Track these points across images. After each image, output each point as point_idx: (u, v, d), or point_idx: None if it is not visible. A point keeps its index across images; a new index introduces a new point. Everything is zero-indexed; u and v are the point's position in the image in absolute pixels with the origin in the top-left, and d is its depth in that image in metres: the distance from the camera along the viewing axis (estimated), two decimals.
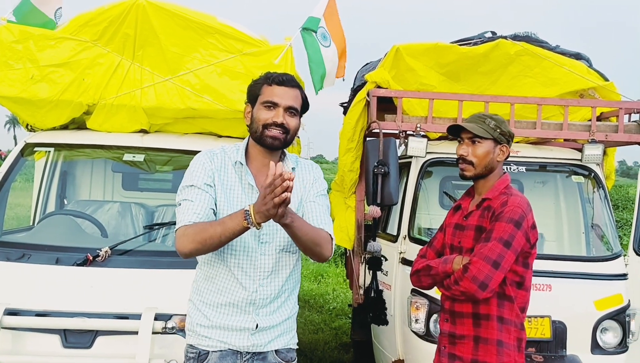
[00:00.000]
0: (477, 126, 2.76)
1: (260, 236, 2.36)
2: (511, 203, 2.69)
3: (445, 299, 2.85)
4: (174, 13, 4.09)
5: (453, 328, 2.79)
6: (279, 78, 2.39)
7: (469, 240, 2.78)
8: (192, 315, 2.45)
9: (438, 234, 3.02)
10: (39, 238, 3.99)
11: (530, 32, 4.94)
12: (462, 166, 2.82)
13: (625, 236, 10.88)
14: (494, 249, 2.62)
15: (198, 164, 2.41)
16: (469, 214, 2.84)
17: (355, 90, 5.43)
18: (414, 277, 2.96)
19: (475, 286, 2.60)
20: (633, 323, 4.16)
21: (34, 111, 4.24)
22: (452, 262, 2.73)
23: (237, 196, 2.38)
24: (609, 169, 5.29)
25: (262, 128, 2.35)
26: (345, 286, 9.66)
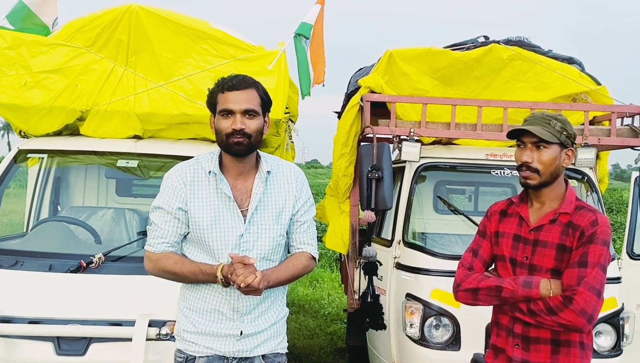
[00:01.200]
0: (543, 130, 2.45)
1: (240, 245, 2.35)
2: (602, 222, 2.42)
3: (515, 322, 2.49)
4: (167, 19, 4.09)
5: (526, 355, 2.46)
6: (229, 83, 2.34)
7: (549, 259, 2.45)
8: (180, 321, 2.47)
9: (483, 242, 2.66)
10: (32, 244, 3.98)
11: (522, 37, 4.97)
12: (526, 174, 2.49)
13: (619, 239, 10.91)
14: (597, 277, 2.34)
15: (168, 185, 2.41)
16: (539, 228, 2.50)
17: (349, 95, 5.44)
18: (466, 294, 2.58)
19: (584, 320, 2.31)
20: (627, 326, 4.16)
21: (27, 118, 4.23)
22: (539, 287, 2.39)
23: (213, 207, 2.37)
24: (602, 173, 5.31)
25: (225, 138, 2.32)
26: (340, 291, 9.65)
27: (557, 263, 2.43)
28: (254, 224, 2.38)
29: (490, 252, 2.64)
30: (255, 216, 2.38)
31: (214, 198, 2.37)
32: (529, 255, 2.49)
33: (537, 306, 2.38)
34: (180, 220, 2.36)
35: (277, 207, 2.42)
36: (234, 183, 2.39)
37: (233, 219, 2.36)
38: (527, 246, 2.51)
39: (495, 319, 2.61)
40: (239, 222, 2.36)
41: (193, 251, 2.41)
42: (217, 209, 2.35)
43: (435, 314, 4.04)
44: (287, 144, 5.24)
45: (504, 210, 2.65)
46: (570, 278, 2.36)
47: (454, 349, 4.02)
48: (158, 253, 2.37)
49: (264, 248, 2.38)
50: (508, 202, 2.66)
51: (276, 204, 2.43)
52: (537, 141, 2.46)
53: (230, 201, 2.36)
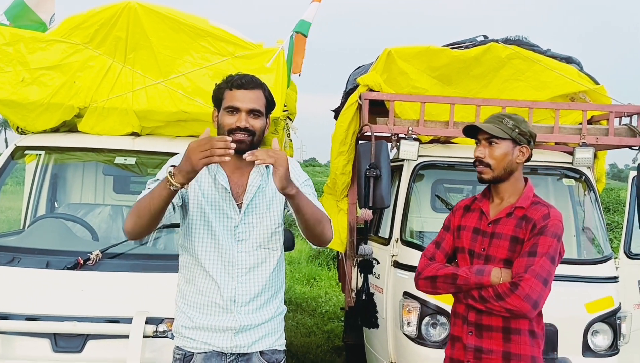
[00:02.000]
0: (494, 126, 2.63)
1: (236, 234, 2.40)
2: (553, 216, 2.58)
3: (469, 310, 2.64)
4: (166, 16, 4.08)
5: (479, 342, 2.61)
6: (238, 81, 2.38)
7: (502, 250, 2.61)
8: (177, 318, 2.49)
9: (445, 235, 2.83)
10: (29, 241, 3.97)
11: (521, 36, 4.97)
12: (480, 169, 2.68)
13: (616, 238, 10.93)
14: (544, 266, 2.49)
15: (169, 164, 2.38)
16: (496, 221, 2.66)
17: (347, 93, 5.44)
18: (425, 281, 2.75)
19: (528, 305, 2.46)
20: (624, 325, 4.17)
21: (25, 114, 4.22)
22: (490, 275, 2.55)
23: (211, 197, 2.41)
24: (600, 172, 5.31)
25: (227, 134, 2.34)
26: (337, 290, 9.65)
27: (510, 254, 2.59)
28: (249, 215, 2.42)
29: (452, 245, 2.80)
30: (250, 208, 2.43)
31: (212, 188, 2.42)
32: (486, 246, 2.66)
33: (488, 292, 2.54)
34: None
35: (268, 196, 2.46)
36: (231, 176, 2.43)
37: (229, 210, 2.41)
38: (485, 238, 2.67)
39: (454, 309, 2.77)
40: (234, 213, 2.41)
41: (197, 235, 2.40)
42: (214, 200, 2.40)
43: (433, 312, 4.04)
44: (285, 142, 5.23)
45: (468, 206, 2.83)
46: (519, 267, 2.52)
47: None
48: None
49: (259, 236, 2.43)
50: (472, 199, 2.84)
51: (268, 194, 2.47)
52: (489, 137, 2.65)
53: (227, 193, 2.40)
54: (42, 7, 4.52)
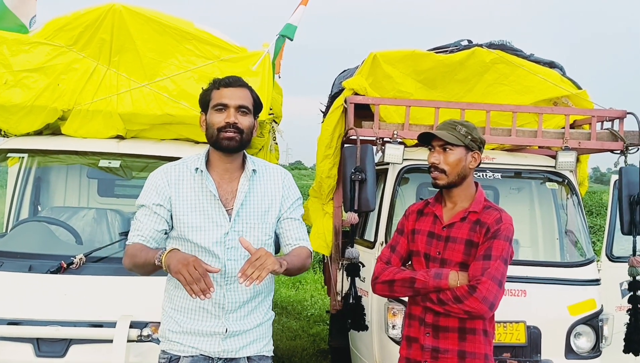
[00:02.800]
0: (447, 133, 2.71)
1: (225, 242, 2.37)
2: (505, 220, 2.67)
3: (426, 312, 2.72)
4: (151, 18, 4.07)
5: (436, 343, 2.69)
6: (225, 80, 2.41)
7: (458, 253, 2.69)
8: (164, 322, 2.47)
9: (400, 239, 2.89)
10: (11, 245, 3.93)
11: (505, 41, 5.01)
12: (434, 175, 2.76)
13: (598, 241, 11.04)
14: (499, 269, 2.58)
15: (151, 183, 2.43)
16: (450, 226, 2.74)
17: (332, 97, 5.45)
18: (382, 285, 2.81)
19: (486, 307, 2.55)
20: (606, 328, 4.21)
21: (7, 117, 4.18)
22: (447, 278, 2.63)
23: (199, 206, 2.38)
24: (582, 176, 5.37)
25: (217, 132, 2.35)
26: (323, 293, 9.65)
27: (465, 257, 2.67)
28: (239, 223, 2.39)
29: (407, 248, 2.86)
30: (240, 214, 2.39)
31: (199, 196, 2.38)
32: (441, 250, 2.73)
33: (446, 295, 2.62)
34: (159, 215, 2.37)
35: (262, 206, 2.45)
36: (219, 182, 2.40)
37: (218, 217, 2.37)
38: (440, 242, 2.75)
39: (409, 311, 2.84)
40: (224, 220, 2.37)
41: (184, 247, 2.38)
42: (203, 208, 2.37)
43: None
44: (271, 145, 5.24)
45: (420, 210, 2.90)
46: (476, 270, 2.60)
47: None
48: (130, 244, 2.38)
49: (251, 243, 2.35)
50: (425, 203, 2.91)
51: (262, 204, 2.45)
52: (443, 144, 2.72)
53: (215, 200, 2.37)
54: (22, 9, 4.48)
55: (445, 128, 2.74)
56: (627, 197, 4.31)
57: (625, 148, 4.53)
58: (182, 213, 2.37)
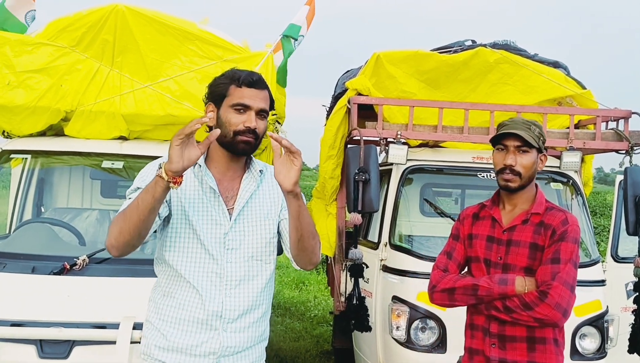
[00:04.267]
0: (527, 134, 2.53)
1: (225, 242, 2.19)
2: (572, 221, 2.52)
3: (490, 321, 2.55)
4: (154, 19, 4.07)
5: (503, 354, 2.51)
6: (249, 79, 2.18)
7: (522, 257, 2.52)
8: (149, 336, 2.23)
9: (456, 244, 2.72)
10: (15, 246, 3.93)
11: (509, 41, 5.00)
12: (509, 177, 2.55)
13: (603, 242, 11.00)
14: (570, 273, 2.43)
15: (148, 170, 2.26)
16: (511, 229, 2.58)
17: (336, 97, 5.45)
18: (442, 294, 2.62)
19: (559, 314, 2.39)
20: (611, 329, 4.20)
21: (11, 118, 4.18)
22: (514, 284, 2.46)
23: (198, 200, 2.20)
24: (587, 176, 5.35)
25: (233, 134, 2.16)
26: (326, 294, 9.64)
27: (530, 262, 2.51)
28: (240, 223, 2.22)
29: (464, 254, 2.71)
30: (242, 214, 2.23)
31: (199, 192, 2.21)
32: (503, 254, 2.57)
33: (513, 302, 2.45)
34: None
35: (265, 207, 2.29)
36: (220, 179, 2.24)
37: (218, 215, 2.19)
38: (501, 246, 2.58)
39: (470, 321, 2.67)
40: (224, 219, 2.20)
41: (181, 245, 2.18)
42: (202, 203, 2.20)
43: (422, 317, 4.04)
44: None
45: (476, 213, 2.75)
46: (545, 274, 2.44)
47: (440, 352, 4.03)
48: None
49: (252, 246, 2.23)
50: (480, 206, 2.76)
51: (265, 204, 2.29)
52: (521, 145, 2.55)
53: (216, 196, 2.21)
54: (19, 9, 4.48)
55: (522, 128, 2.55)
56: (632, 197, 4.29)
57: (631, 148, 4.52)
58: (178, 208, 2.18)
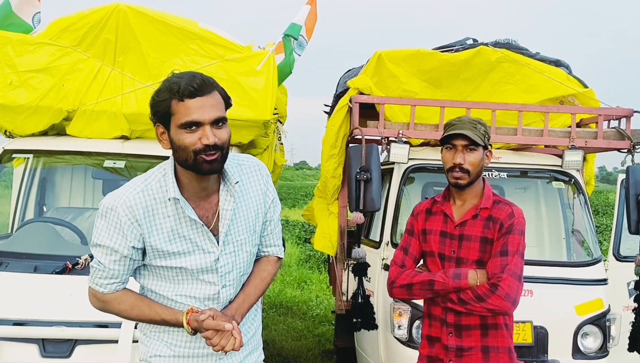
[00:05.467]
0: (473, 133, 2.65)
1: (218, 269, 2.07)
2: (517, 214, 2.66)
3: (447, 312, 2.70)
4: (155, 19, 4.07)
5: (459, 342, 2.69)
6: (189, 88, 1.89)
7: (473, 251, 2.67)
8: (147, 345, 2.14)
9: (411, 240, 2.85)
10: (17, 245, 3.93)
11: (510, 39, 5.00)
12: (458, 175, 2.67)
13: (605, 241, 10.98)
14: (517, 264, 2.59)
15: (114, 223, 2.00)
16: (463, 224, 2.71)
17: (337, 96, 5.45)
18: (400, 289, 2.77)
19: (509, 303, 2.56)
20: (613, 328, 4.19)
21: (13, 117, 4.18)
22: (467, 278, 2.61)
23: (179, 233, 2.02)
24: (589, 175, 5.34)
25: (193, 155, 1.91)
26: (328, 293, 9.64)
27: (481, 254, 2.67)
28: (229, 244, 2.09)
29: (419, 249, 2.85)
30: (229, 235, 2.09)
31: (178, 226, 2.02)
32: (456, 249, 2.72)
33: (467, 295, 2.61)
34: (133, 259, 2.03)
35: (250, 218, 2.14)
36: (197, 202, 2.04)
37: (203, 243, 2.05)
38: (454, 241, 2.73)
39: (428, 311, 2.83)
40: (212, 246, 2.05)
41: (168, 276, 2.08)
42: (184, 235, 2.03)
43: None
44: (276, 145, 5.23)
45: (429, 209, 2.86)
46: (494, 267, 2.60)
47: None
48: (108, 294, 2.06)
49: (242, 265, 2.15)
50: (432, 201, 2.88)
51: (249, 215, 2.14)
52: (468, 144, 2.66)
53: (198, 226, 2.03)
54: (25, 9, 4.49)
55: (469, 128, 2.66)
56: (635, 196, 4.29)
57: (633, 146, 4.51)
58: (160, 246, 2.01)
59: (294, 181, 47.77)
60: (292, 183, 42.97)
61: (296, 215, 18.04)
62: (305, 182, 37.49)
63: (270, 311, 8.62)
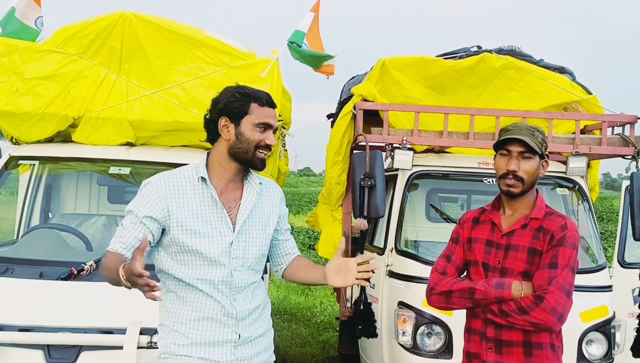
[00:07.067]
0: (531, 140, 2.51)
1: (230, 252, 2.33)
2: (570, 227, 2.51)
3: (487, 325, 2.55)
4: (161, 26, 4.10)
5: (499, 358, 2.51)
6: (269, 99, 2.38)
7: (520, 262, 2.52)
8: (167, 337, 2.36)
9: (455, 248, 2.73)
10: (22, 252, 3.95)
11: (514, 46, 5.01)
12: (511, 183, 2.54)
13: (609, 247, 10.96)
14: (567, 278, 2.43)
15: (144, 193, 2.32)
16: (510, 233, 2.57)
17: (341, 103, 5.46)
18: (439, 297, 2.64)
19: (554, 318, 2.39)
20: (618, 334, 4.18)
21: (19, 124, 4.21)
22: (511, 288, 2.46)
23: (202, 214, 2.32)
24: (593, 182, 5.34)
25: (254, 149, 2.33)
26: (332, 300, 9.63)
27: (528, 266, 2.51)
28: (243, 234, 2.37)
29: (463, 258, 2.71)
30: (245, 225, 2.38)
31: (201, 205, 2.33)
32: (501, 259, 2.57)
33: (509, 306, 2.45)
34: (146, 226, 2.26)
35: (264, 218, 2.46)
36: (222, 191, 2.37)
37: (222, 226, 2.33)
38: (500, 250, 2.58)
39: (468, 325, 2.67)
40: (228, 230, 2.34)
41: (186, 260, 2.32)
42: (206, 216, 2.32)
43: (428, 322, 4.04)
44: (280, 152, 5.25)
45: (476, 218, 2.75)
46: (541, 279, 2.44)
47: (446, 357, 4.02)
48: (111, 251, 2.27)
49: (251, 257, 2.39)
50: (480, 210, 2.76)
51: (263, 216, 2.46)
52: (524, 151, 2.54)
53: (220, 209, 2.33)
54: (28, 14, 4.52)
55: (526, 134, 2.54)
56: (639, 203, 4.28)
57: (637, 153, 4.51)
58: (184, 221, 2.29)
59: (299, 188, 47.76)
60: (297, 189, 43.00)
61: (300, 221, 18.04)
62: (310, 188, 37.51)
63: (275, 318, 8.62)
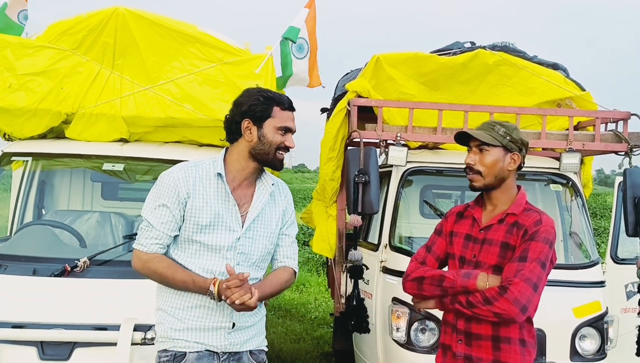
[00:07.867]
0: (485, 133, 2.60)
1: (237, 247, 2.42)
2: (545, 222, 2.54)
3: (457, 318, 2.61)
4: (154, 22, 4.08)
5: (469, 350, 2.57)
6: (290, 103, 2.48)
7: (492, 256, 2.57)
8: (164, 322, 2.45)
9: (437, 239, 2.80)
10: (16, 248, 3.94)
11: (508, 42, 5.01)
12: (470, 176, 2.64)
13: (603, 243, 11.01)
14: (534, 271, 2.44)
15: (169, 182, 2.41)
16: (487, 228, 2.63)
17: (336, 99, 5.46)
18: (412, 283, 2.69)
19: (517, 309, 2.41)
20: (611, 330, 4.20)
21: (12, 120, 4.20)
22: (477, 279, 2.50)
23: (214, 208, 2.40)
24: (587, 178, 5.36)
25: (275, 150, 2.44)
26: (326, 296, 9.64)
27: (500, 260, 2.56)
28: (251, 230, 2.46)
29: (445, 250, 2.77)
30: (254, 223, 2.46)
31: (215, 199, 2.41)
32: (477, 252, 2.63)
33: (475, 298, 2.50)
34: (176, 219, 2.38)
35: (272, 217, 2.54)
36: (235, 187, 2.46)
37: (231, 221, 2.42)
38: (476, 244, 2.65)
39: (444, 317, 2.74)
40: (237, 225, 2.42)
41: (192, 249, 2.41)
42: (218, 210, 2.40)
43: (422, 318, 4.05)
44: None
45: (460, 212, 2.80)
46: (509, 272, 2.48)
47: None
48: (150, 253, 2.39)
49: (256, 254, 2.47)
50: (466, 205, 2.81)
51: (272, 215, 2.54)
52: (480, 144, 2.62)
53: (232, 205, 2.42)
54: (12, 8, 4.51)
55: (484, 128, 2.64)
56: (632, 199, 4.30)
57: (630, 149, 4.52)
58: (196, 211, 2.38)
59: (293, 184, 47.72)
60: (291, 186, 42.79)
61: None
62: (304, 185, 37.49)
63: (269, 314, 8.62)
